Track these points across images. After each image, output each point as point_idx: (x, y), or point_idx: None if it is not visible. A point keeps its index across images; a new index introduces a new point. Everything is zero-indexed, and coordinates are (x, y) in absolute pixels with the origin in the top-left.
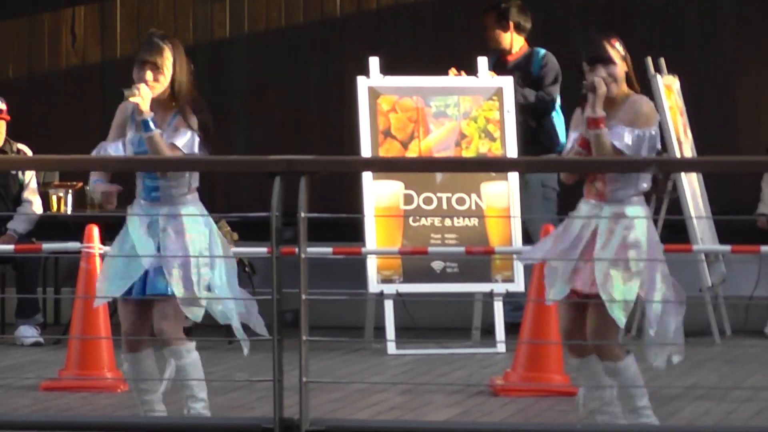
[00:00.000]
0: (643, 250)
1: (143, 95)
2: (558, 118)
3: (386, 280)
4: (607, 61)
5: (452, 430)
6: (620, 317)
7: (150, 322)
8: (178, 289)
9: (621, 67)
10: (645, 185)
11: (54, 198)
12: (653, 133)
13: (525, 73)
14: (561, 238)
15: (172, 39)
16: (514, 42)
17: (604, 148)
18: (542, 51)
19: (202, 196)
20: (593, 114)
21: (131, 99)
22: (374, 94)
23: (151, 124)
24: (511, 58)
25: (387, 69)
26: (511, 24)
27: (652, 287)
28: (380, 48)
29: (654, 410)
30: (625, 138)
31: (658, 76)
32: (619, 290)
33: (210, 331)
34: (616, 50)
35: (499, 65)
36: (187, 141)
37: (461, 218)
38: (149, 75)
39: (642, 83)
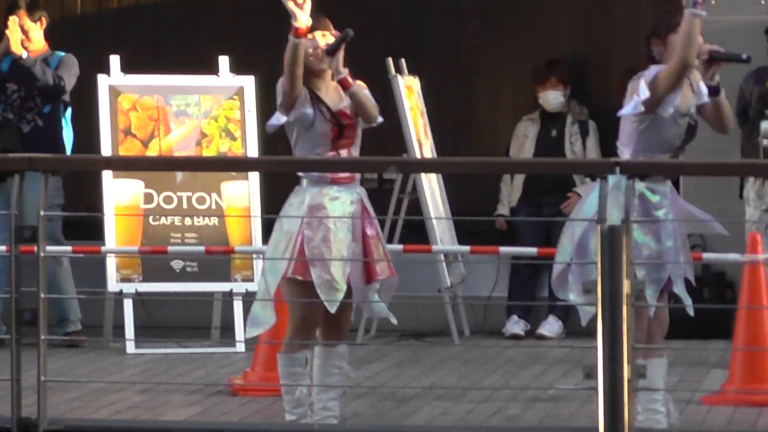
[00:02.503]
0: None
1: None
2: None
3: (125, 279)
4: (325, 29)
5: (190, 430)
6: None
7: None
8: None
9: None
10: None
11: None
12: None
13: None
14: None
15: None
16: (36, 41)
17: (368, 100)
18: (63, 53)
19: None
20: (341, 73)
21: None
22: (115, 92)
23: None
24: (32, 55)
25: (128, 67)
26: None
27: None
28: (121, 46)
29: (392, 410)
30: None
31: (399, 77)
32: None
33: None
34: (330, 25)
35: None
36: None
37: (201, 217)
38: None
39: (382, 84)
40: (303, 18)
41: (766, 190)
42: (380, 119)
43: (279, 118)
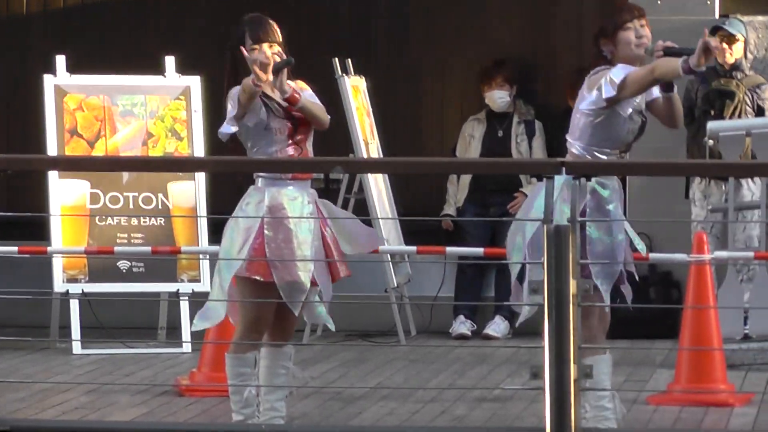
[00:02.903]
0: None
1: None
2: None
3: (72, 280)
4: (273, 41)
5: (136, 430)
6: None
7: None
8: None
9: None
10: None
11: None
12: None
13: None
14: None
15: None
16: None
17: (316, 108)
18: None
19: None
20: (287, 92)
21: None
22: (61, 92)
23: None
24: None
25: (74, 67)
26: None
27: None
28: (67, 46)
29: (338, 411)
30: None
31: (345, 77)
32: None
33: None
34: (278, 32)
35: None
36: None
37: (148, 218)
38: None
39: (328, 84)
40: (263, 77)
41: (712, 189)
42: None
43: (231, 128)
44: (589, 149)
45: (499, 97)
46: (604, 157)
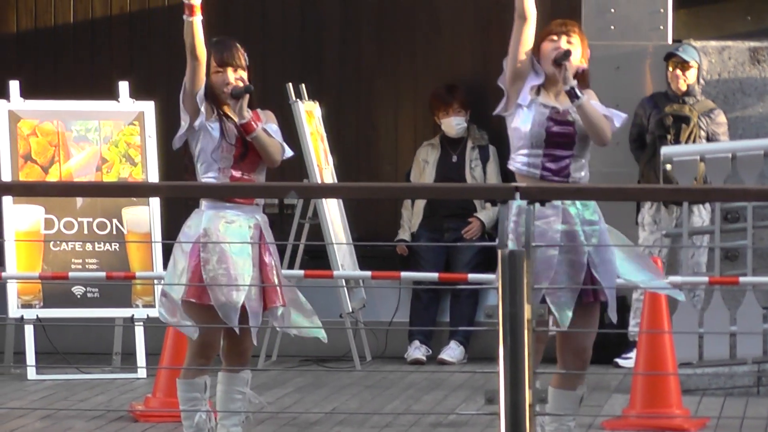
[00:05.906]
0: None
1: None
2: None
3: (26, 305)
4: (237, 66)
5: None
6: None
7: None
8: None
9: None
10: None
11: None
12: None
13: None
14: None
15: None
16: None
17: (269, 144)
18: None
19: None
20: (245, 118)
21: None
22: (15, 118)
23: None
24: None
25: (27, 93)
26: None
27: None
28: (21, 71)
29: None
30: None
31: (299, 102)
32: None
33: None
34: (244, 57)
35: None
36: None
37: (102, 243)
38: None
39: (282, 109)
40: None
41: (663, 215)
42: (289, 153)
43: (183, 126)
44: (514, 158)
45: (456, 123)
46: (525, 159)
